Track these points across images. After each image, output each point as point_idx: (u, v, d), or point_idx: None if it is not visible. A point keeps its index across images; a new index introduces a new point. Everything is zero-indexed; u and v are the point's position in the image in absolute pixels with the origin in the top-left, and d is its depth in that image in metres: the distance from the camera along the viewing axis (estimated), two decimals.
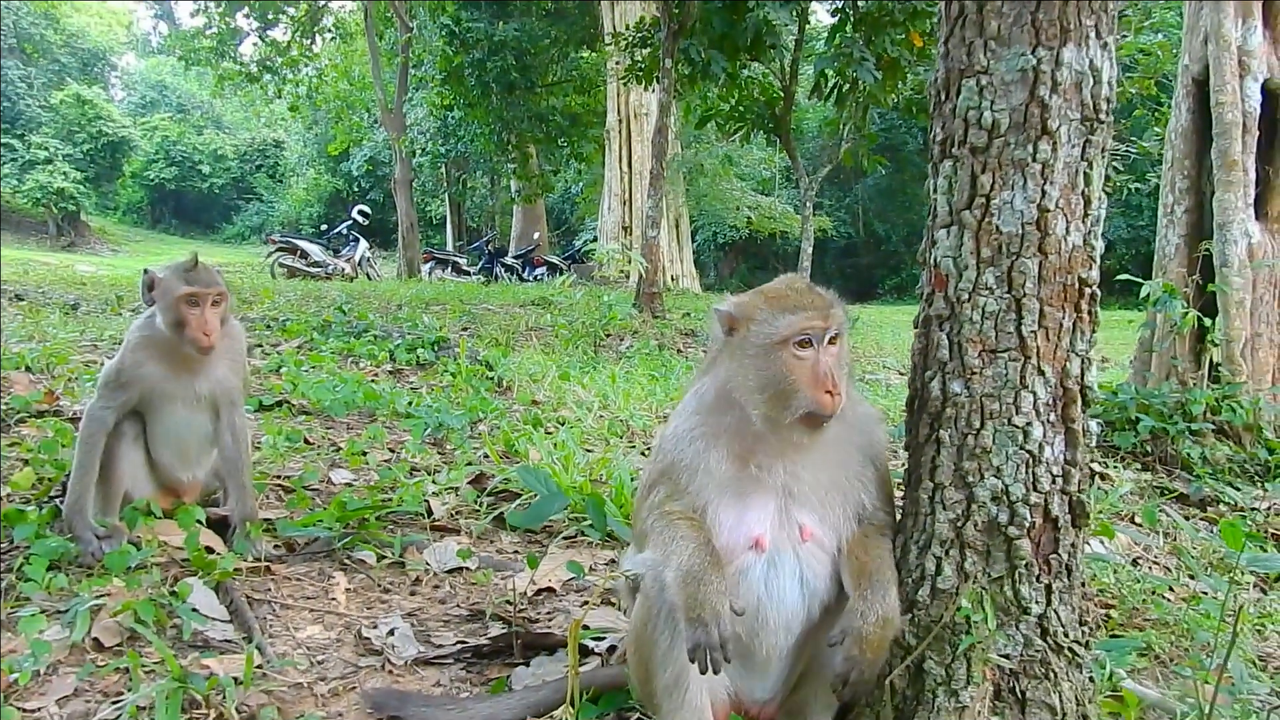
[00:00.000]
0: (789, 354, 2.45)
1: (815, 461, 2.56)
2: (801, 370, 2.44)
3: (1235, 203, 6.39)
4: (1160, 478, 5.78)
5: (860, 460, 2.64)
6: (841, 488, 2.60)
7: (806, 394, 2.42)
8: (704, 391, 2.69)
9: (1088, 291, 2.48)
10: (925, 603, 2.54)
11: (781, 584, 2.52)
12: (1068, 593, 2.53)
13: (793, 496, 2.55)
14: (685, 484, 2.55)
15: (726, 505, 2.53)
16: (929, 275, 2.62)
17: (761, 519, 2.53)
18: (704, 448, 2.56)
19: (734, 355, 2.57)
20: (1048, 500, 2.48)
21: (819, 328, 2.46)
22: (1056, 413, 2.48)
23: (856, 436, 2.65)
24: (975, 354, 2.49)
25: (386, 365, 8.07)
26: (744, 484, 2.54)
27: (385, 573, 3.79)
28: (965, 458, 2.51)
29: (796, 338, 2.45)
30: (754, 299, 2.61)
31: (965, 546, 2.50)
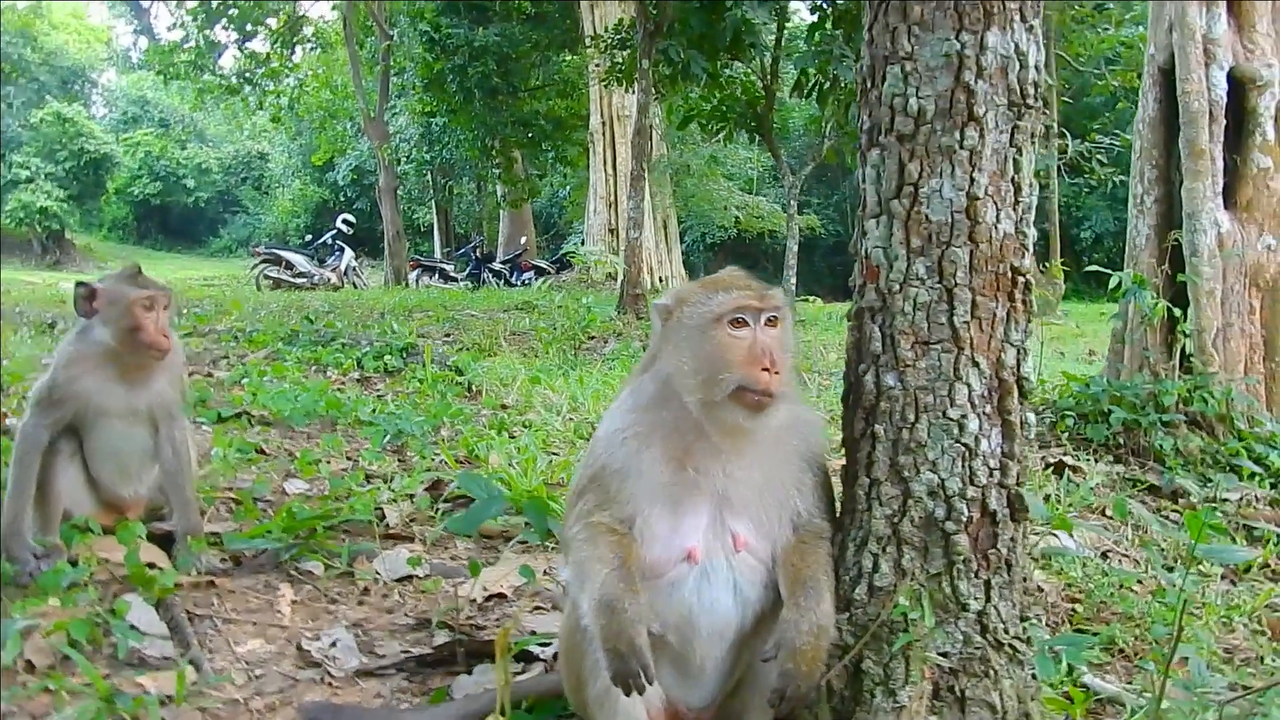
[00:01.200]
0: (723, 332, 2.40)
1: (752, 465, 2.50)
2: (736, 347, 2.39)
3: (1204, 192, 6.36)
4: (1132, 470, 5.75)
5: (798, 466, 2.58)
6: (778, 494, 2.54)
7: (740, 369, 2.36)
8: (641, 387, 2.63)
9: (1021, 281, 2.45)
10: (863, 601, 2.49)
11: (714, 594, 2.47)
12: (1008, 588, 2.49)
13: (728, 503, 2.49)
14: (615, 491, 2.49)
15: (659, 515, 2.47)
16: (861, 266, 2.58)
17: (695, 529, 2.47)
18: (637, 449, 2.50)
19: (670, 340, 2.52)
20: (985, 494, 2.44)
21: (754, 306, 2.41)
22: (992, 405, 2.44)
23: (795, 441, 2.59)
24: (908, 346, 2.45)
25: (354, 373, 8.01)
26: (678, 489, 2.47)
27: (333, 583, 3.73)
28: (900, 452, 2.46)
29: (730, 315, 2.40)
30: (690, 285, 2.58)
31: (902, 543, 2.46)
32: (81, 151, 44.37)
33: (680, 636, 2.49)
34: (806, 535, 2.54)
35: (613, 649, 2.29)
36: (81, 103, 50.70)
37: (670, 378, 2.51)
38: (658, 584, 2.46)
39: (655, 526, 2.46)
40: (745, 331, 2.41)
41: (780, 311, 2.46)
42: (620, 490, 2.49)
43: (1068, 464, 5.61)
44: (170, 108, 52.23)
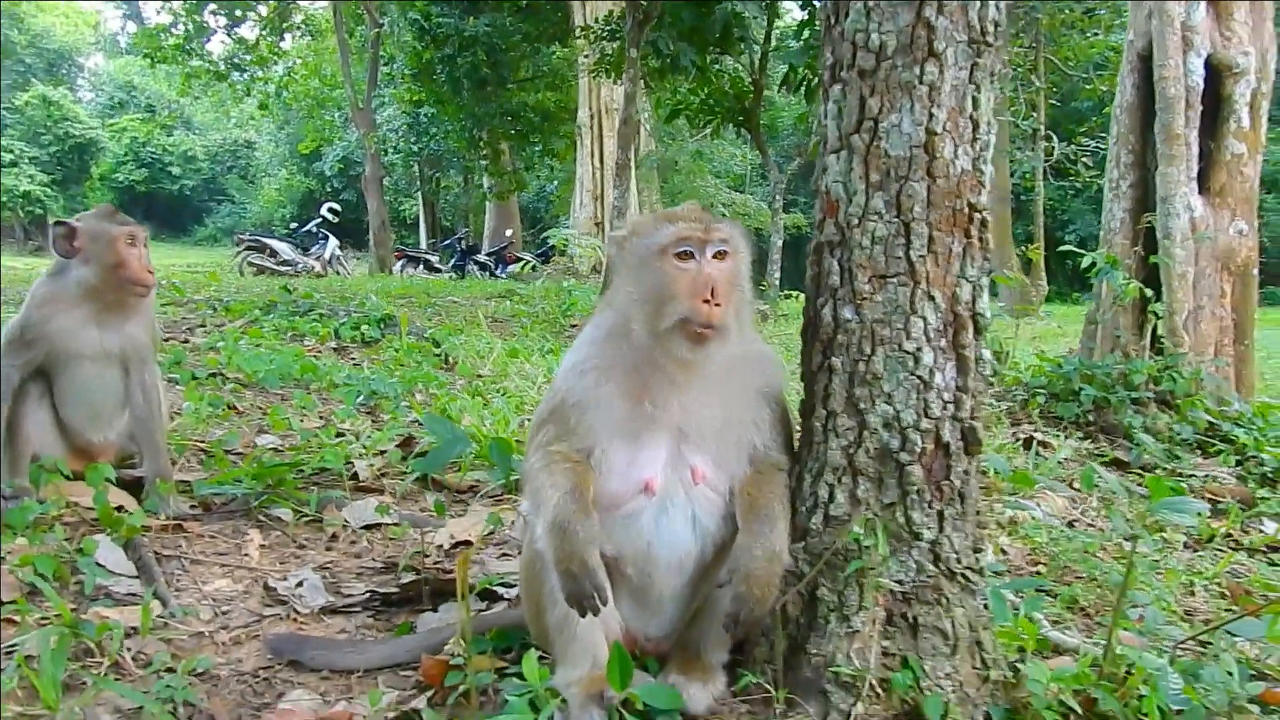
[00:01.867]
0: (669, 263, 2.43)
1: (710, 401, 2.54)
2: (681, 279, 2.41)
3: (1178, 177, 6.44)
4: (1101, 446, 5.81)
5: (756, 400, 2.62)
6: (735, 428, 2.58)
7: (683, 301, 2.39)
8: (601, 320, 2.66)
9: (977, 217, 2.49)
10: (818, 530, 2.53)
11: (673, 527, 2.51)
12: (960, 519, 2.53)
13: (686, 437, 2.53)
14: (575, 423, 2.52)
15: (617, 447, 2.50)
16: (820, 202, 2.62)
17: (653, 461, 2.50)
18: (596, 381, 2.53)
19: (622, 270, 2.57)
20: (939, 426, 2.48)
21: (699, 238, 2.43)
22: (947, 339, 2.48)
23: (753, 376, 2.62)
24: (865, 279, 2.49)
25: (330, 343, 8.05)
26: (636, 423, 2.51)
27: (301, 529, 3.77)
28: (857, 384, 2.50)
29: (676, 247, 2.42)
30: (643, 216, 2.64)
31: (857, 473, 2.50)
32: (66, 136, 44.23)
33: (638, 568, 2.53)
34: (764, 467, 2.58)
35: (565, 570, 2.32)
36: (67, 86, 50.56)
37: (623, 309, 2.55)
38: (615, 516, 2.49)
39: (613, 458, 2.50)
40: (690, 264, 2.43)
41: (729, 244, 2.48)
42: (579, 422, 2.52)
43: (1037, 439, 5.67)
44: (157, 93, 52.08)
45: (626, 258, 2.55)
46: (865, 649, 2.45)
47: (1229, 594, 3.87)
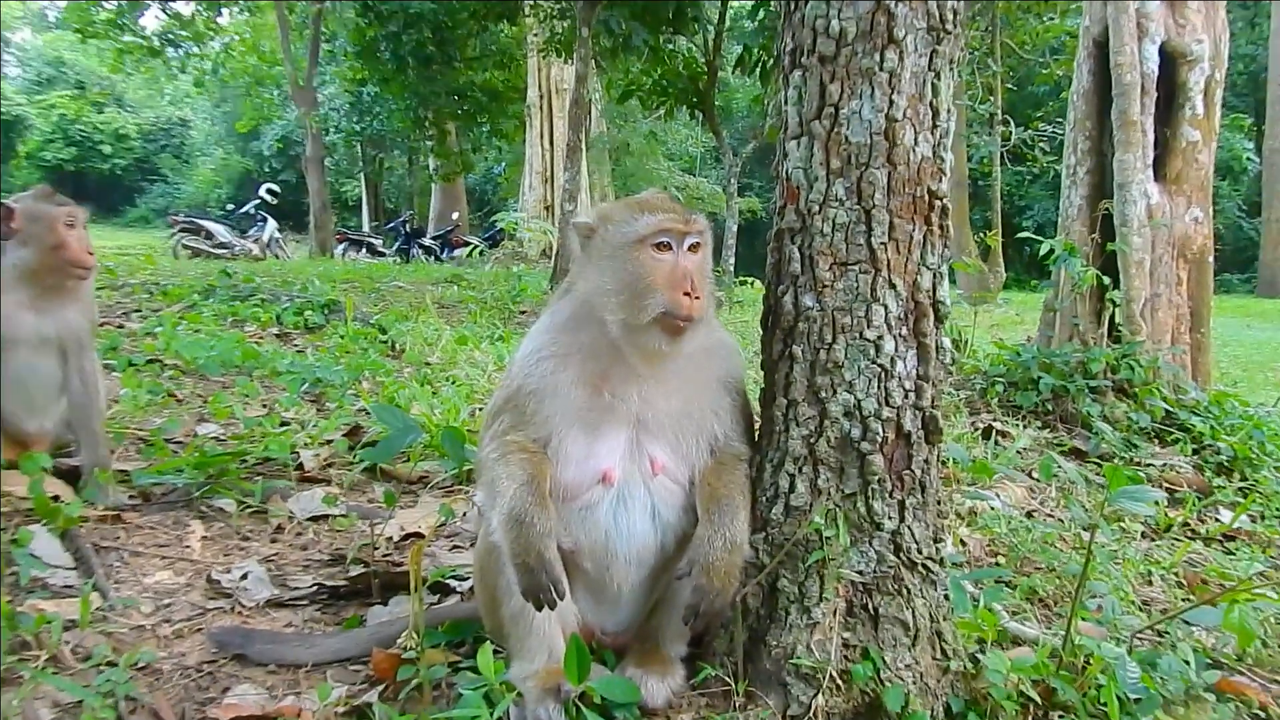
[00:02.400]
0: (646, 254, 2.46)
1: (670, 390, 2.57)
2: (659, 270, 2.45)
3: (1134, 163, 6.55)
4: (1059, 435, 5.91)
5: (716, 390, 2.66)
6: (695, 418, 2.61)
7: (663, 294, 2.42)
8: (560, 309, 2.68)
9: (938, 205, 2.53)
10: (779, 520, 2.57)
11: (631, 518, 2.54)
12: (921, 509, 2.58)
13: (645, 427, 2.55)
14: (532, 411, 2.54)
15: (575, 437, 2.52)
16: (781, 188, 2.65)
17: (611, 451, 2.53)
18: (554, 369, 2.55)
19: (592, 261, 2.57)
20: (900, 415, 2.53)
21: (678, 230, 2.47)
22: (908, 327, 2.52)
23: (714, 365, 2.66)
24: (826, 267, 2.52)
25: (273, 328, 7.99)
26: (595, 413, 2.53)
27: (245, 521, 3.75)
28: (818, 373, 2.54)
29: (655, 238, 2.46)
30: (613, 204, 2.63)
31: (818, 463, 2.54)
32: None
33: (596, 561, 2.56)
34: (724, 458, 2.62)
35: (522, 564, 2.33)
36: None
37: (589, 299, 2.56)
38: (573, 507, 2.52)
39: (570, 448, 2.52)
40: (668, 255, 2.47)
41: (703, 236, 2.53)
42: (536, 411, 2.54)
43: (996, 429, 5.76)
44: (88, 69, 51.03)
45: (597, 247, 2.55)
46: (826, 640, 2.50)
47: (1186, 583, 3.97)
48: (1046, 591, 3.63)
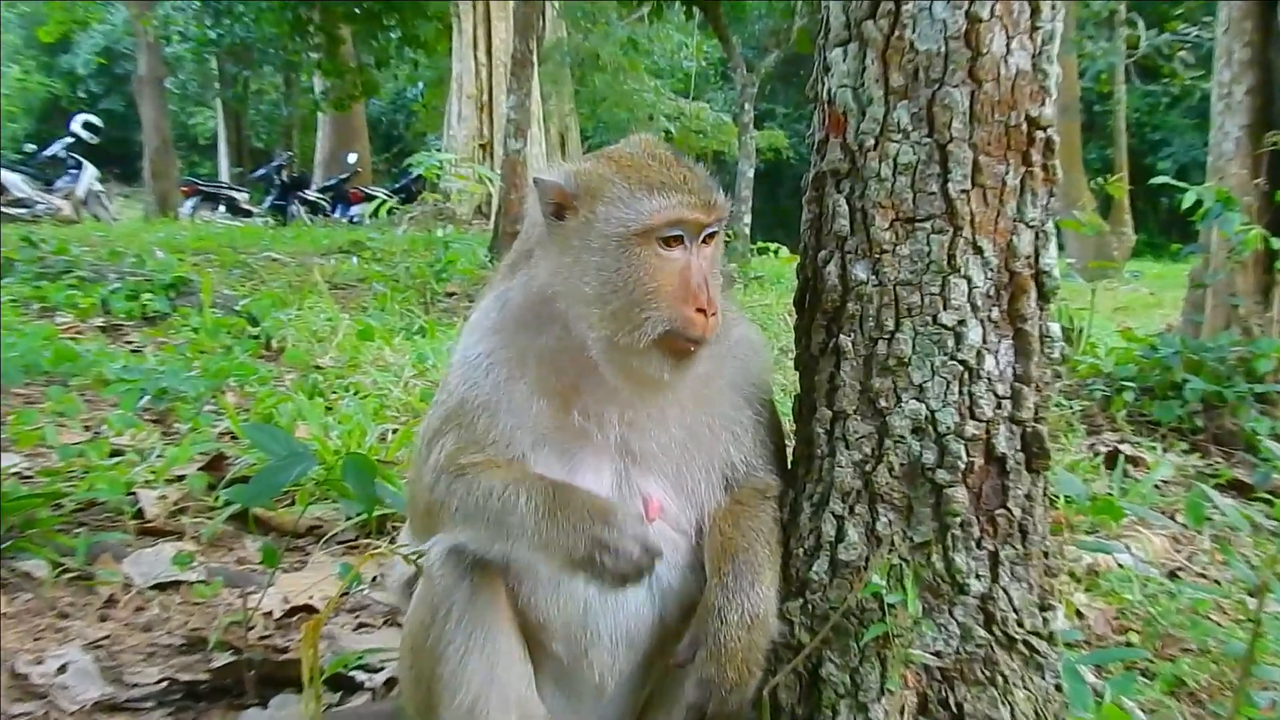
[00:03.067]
0: (650, 252, 2.47)
1: (667, 407, 2.60)
2: (666, 276, 2.46)
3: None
4: (1214, 462, 5.93)
5: (732, 401, 2.69)
6: (705, 442, 2.64)
7: (671, 308, 2.43)
8: (509, 298, 2.69)
9: (1040, 137, 2.56)
10: (822, 581, 2.60)
11: None
12: (1022, 565, 2.60)
13: (635, 458, 2.59)
14: (484, 429, 2.56)
15: (546, 465, 2.55)
16: (821, 115, 2.68)
17: (594, 487, 2.55)
18: (505, 379, 2.58)
19: (565, 247, 2.56)
20: (990, 432, 2.55)
21: (697, 221, 2.48)
22: (1000, 307, 2.55)
23: (728, 369, 2.69)
24: (885, 224, 2.55)
25: (97, 319, 7.94)
26: (567, 435, 2.56)
27: (64, 590, 3.76)
28: (875, 373, 2.57)
29: (665, 231, 2.47)
30: (602, 168, 2.59)
31: (876, 500, 2.57)
32: None
33: (571, 643, 2.58)
34: (744, 494, 2.65)
35: (598, 541, 2.37)
36: None
37: (557, 295, 2.57)
38: (539, 573, 2.54)
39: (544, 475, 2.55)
40: (678, 253, 2.48)
41: (723, 224, 2.57)
42: (491, 427, 2.56)
43: (1125, 453, 5.76)
44: None
45: (576, 230, 2.54)
46: None
47: None
48: (1198, 681, 3.65)
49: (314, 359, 7.19)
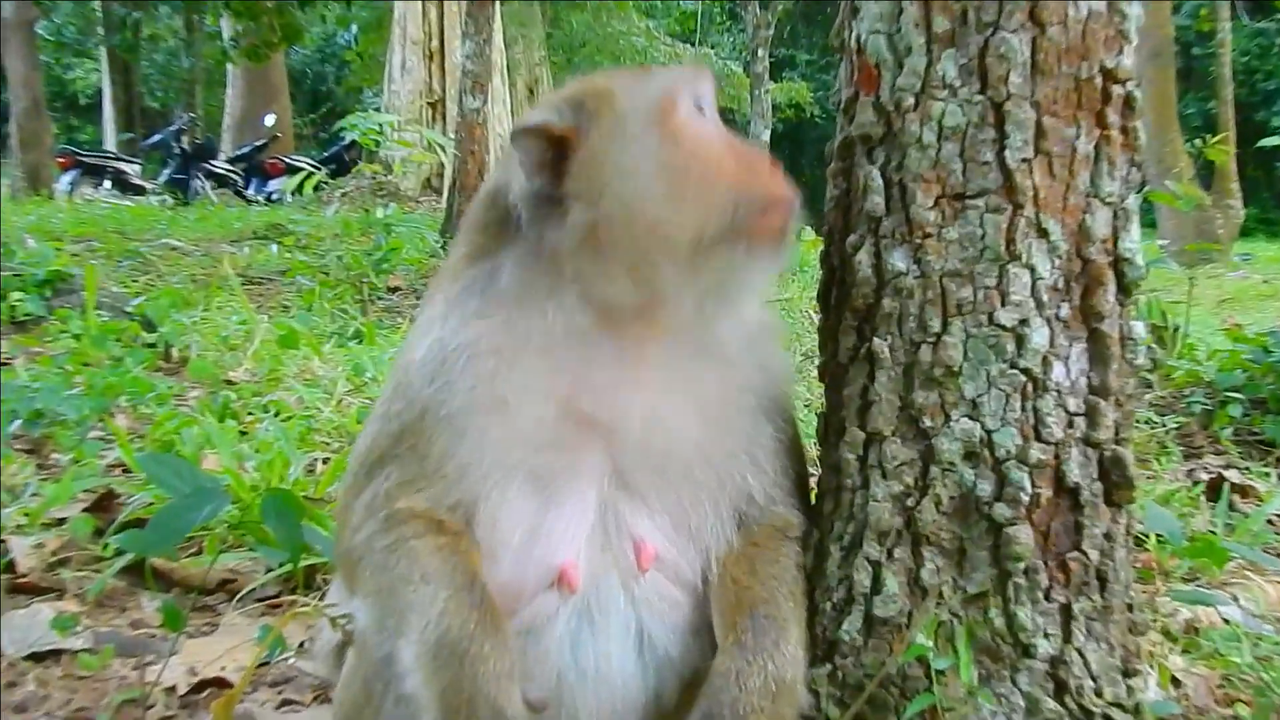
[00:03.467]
0: (688, 124, 2.55)
1: (675, 408, 2.61)
2: (715, 143, 2.56)
3: None
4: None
5: (752, 412, 2.70)
6: (716, 463, 2.65)
7: (748, 174, 2.53)
8: (498, 273, 2.67)
9: (1117, 92, 2.59)
10: (855, 643, 2.64)
11: (604, 649, 2.57)
12: (1101, 621, 2.63)
13: (626, 486, 2.60)
14: (439, 454, 2.56)
15: (513, 503, 2.56)
16: (849, 68, 2.71)
17: (572, 528, 2.57)
18: (489, 376, 2.57)
19: (582, 191, 2.54)
20: (1061, 457, 2.58)
21: (705, 88, 2.61)
22: (1071, 303, 2.58)
23: (746, 368, 2.71)
24: (929, 202, 2.58)
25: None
26: (549, 458, 2.57)
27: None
28: (917, 386, 2.60)
29: (690, 97, 2.58)
30: (587, 83, 2.68)
31: (921, 542, 2.60)
32: None
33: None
34: (761, 534, 2.67)
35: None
36: None
37: (569, 257, 2.56)
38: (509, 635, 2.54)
39: (504, 523, 2.56)
40: (709, 122, 2.60)
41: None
42: (449, 452, 2.56)
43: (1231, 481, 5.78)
44: None
45: (592, 157, 2.55)
46: None
47: None
48: None
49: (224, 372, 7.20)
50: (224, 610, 4.22)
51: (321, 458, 5.51)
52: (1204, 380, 6.86)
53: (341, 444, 5.84)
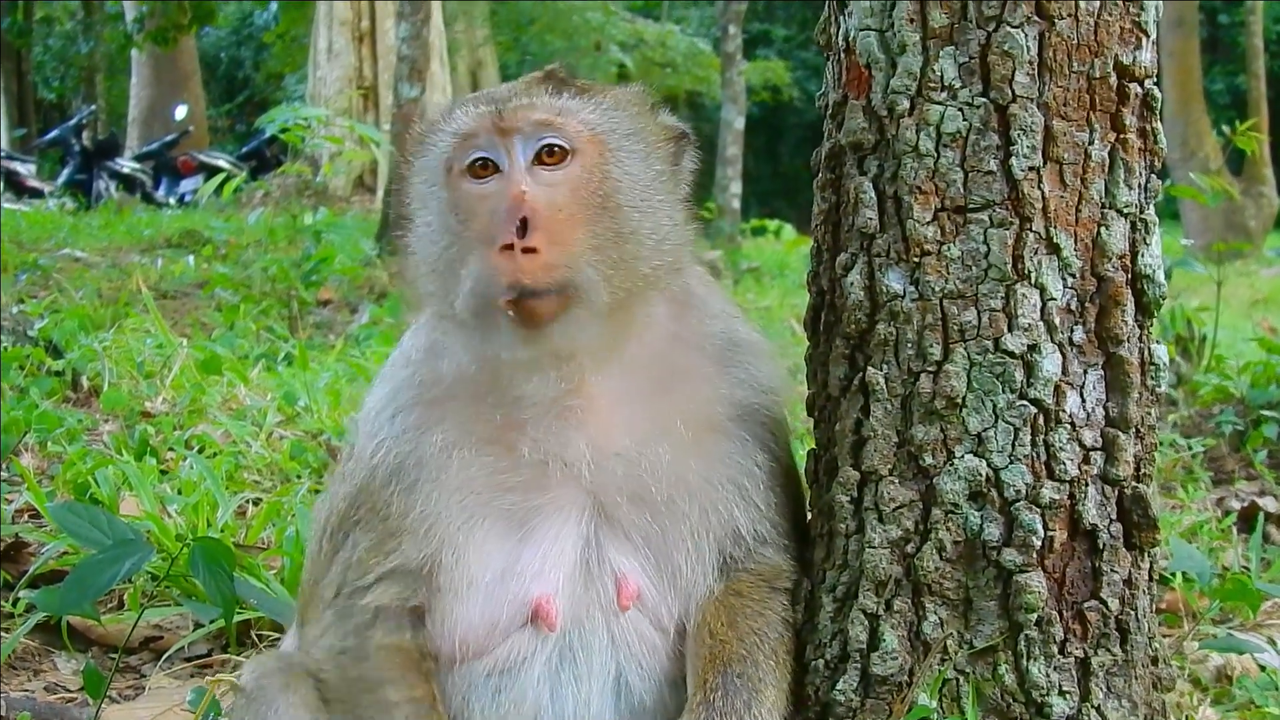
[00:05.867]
0: (458, 188, 2.60)
1: (652, 432, 2.65)
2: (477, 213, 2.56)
3: None
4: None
5: (738, 438, 2.74)
6: (699, 498, 2.69)
7: (477, 253, 2.52)
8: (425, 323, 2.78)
9: (1134, 91, 2.63)
10: (850, 704, 2.67)
11: (585, 692, 2.62)
12: (1122, 674, 2.67)
13: (607, 516, 2.65)
14: (399, 514, 2.62)
15: (482, 541, 2.62)
16: (836, 68, 2.76)
17: (549, 562, 2.62)
18: (422, 424, 2.65)
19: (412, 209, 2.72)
20: (1076, 496, 2.63)
21: (494, 127, 2.57)
22: (1085, 326, 2.63)
23: (729, 385, 2.76)
24: (927, 216, 2.62)
25: None
26: (516, 496, 2.63)
27: None
28: (916, 419, 2.65)
29: (465, 155, 2.58)
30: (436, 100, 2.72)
31: (922, 592, 2.64)
32: None
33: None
34: (747, 582, 2.72)
35: None
36: None
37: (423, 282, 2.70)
38: (475, 671, 2.63)
39: (473, 563, 2.62)
40: (494, 182, 2.57)
41: (567, 130, 2.59)
42: (406, 510, 2.62)
43: (1267, 510, 5.81)
44: None
45: (410, 181, 2.71)
46: None
47: None
48: None
49: (141, 403, 7.18)
50: (149, 672, 4.22)
51: (252, 498, 5.51)
52: (1235, 397, 6.90)
53: (274, 483, 5.83)
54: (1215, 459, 6.45)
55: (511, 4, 32.06)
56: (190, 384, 7.53)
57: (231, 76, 40.56)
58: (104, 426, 6.74)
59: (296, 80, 30.45)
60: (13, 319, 8.52)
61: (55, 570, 4.61)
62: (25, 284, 12.18)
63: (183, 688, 4.00)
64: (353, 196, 24.46)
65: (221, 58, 39.61)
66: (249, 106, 37.09)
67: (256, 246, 14.68)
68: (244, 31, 38.78)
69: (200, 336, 9.78)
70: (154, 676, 4.21)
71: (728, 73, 17.53)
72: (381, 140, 17.38)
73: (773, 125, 33.99)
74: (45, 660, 4.32)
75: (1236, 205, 20.78)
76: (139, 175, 28.06)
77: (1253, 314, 12.29)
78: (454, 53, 26.43)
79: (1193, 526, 5.54)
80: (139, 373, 7.85)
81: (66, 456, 5.92)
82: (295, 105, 19.54)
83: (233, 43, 39.59)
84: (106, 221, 19.71)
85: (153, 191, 27.59)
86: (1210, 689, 4.26)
